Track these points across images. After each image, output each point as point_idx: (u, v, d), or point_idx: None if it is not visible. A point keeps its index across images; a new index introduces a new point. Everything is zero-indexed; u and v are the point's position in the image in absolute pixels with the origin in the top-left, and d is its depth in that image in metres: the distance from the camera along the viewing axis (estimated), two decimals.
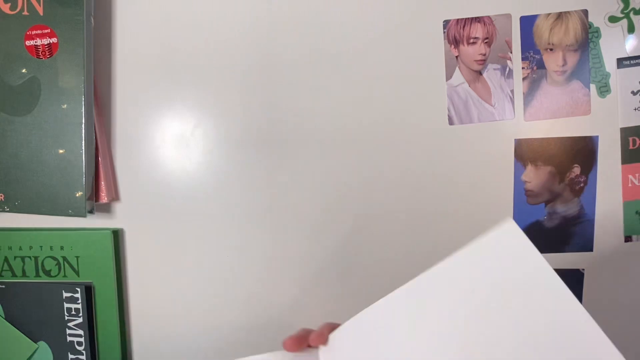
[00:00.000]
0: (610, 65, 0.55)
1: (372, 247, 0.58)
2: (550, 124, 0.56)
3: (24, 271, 0.57)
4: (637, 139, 0.56)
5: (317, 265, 0.58)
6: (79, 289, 0.56)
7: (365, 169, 0.56)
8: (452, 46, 0.55)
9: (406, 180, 0.56)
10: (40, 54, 0.50)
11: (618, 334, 0.60)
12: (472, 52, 0.55)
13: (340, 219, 0.57)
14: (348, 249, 0.58)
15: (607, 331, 0.61)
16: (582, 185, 0.56)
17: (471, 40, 0.55)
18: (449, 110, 0.56)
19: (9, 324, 0.57)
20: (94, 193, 0.54)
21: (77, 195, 0.51)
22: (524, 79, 0.55)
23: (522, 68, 0.55)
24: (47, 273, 0.57)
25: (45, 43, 0.50)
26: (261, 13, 0.55)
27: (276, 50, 0.55)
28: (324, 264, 0.58)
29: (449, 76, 0.55)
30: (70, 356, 0.58)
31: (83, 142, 0.51)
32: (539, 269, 0.28)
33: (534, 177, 0.56)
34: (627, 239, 0.57)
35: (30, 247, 0.56)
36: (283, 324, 0.59)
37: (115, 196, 0.57)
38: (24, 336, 0.57)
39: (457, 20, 0.55)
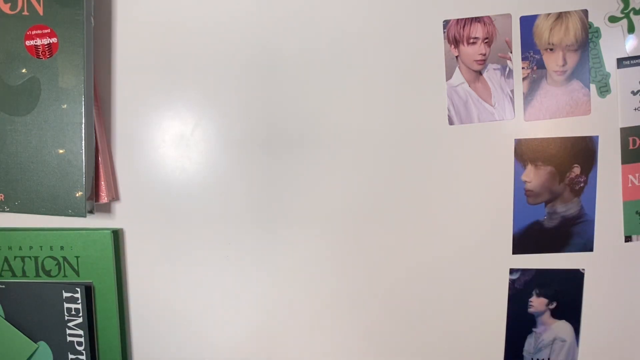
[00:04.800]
0: (610, 65, 0.55)
1: (372, 246, 0.58)
2: (550, 124, 0.56)
3: (24, 271, 0.57)
4: (637, 139, 0.55)
5: (317, 264, 0.58)
6: (79, 289, 0.56)
7: (365, 169, 0.56)
8: (452, 46, 0.55)
9: (406, 180, 0.56)
10: (40, 54, 0.50)
11: (618, 334, 0.61)
12: (472, 52, 0.55)
13: (340, 218, 0.57)
14: (348, 248, 0.58)
15: (607, 331, 0.62)
16: (582, 185, 0.56)
17: (471, 40, 0.55)
18: (449, 110, 0.56)
19: (9, 324, 0.57)
20: (94, 193, 0.54)
21: (77, 195, 0.51)
22: (524, 79, 0.55)
23: (522, 68, 0.55)
24: (47, 273, 0.57)
25: (45, 43, 0.50)
26: (261, 14, 0.55)
27: (275, 50, 0.55)
28: (324, 264, 0.58)
29: (449, 76, 0.55)
30: (70, 356, 0.58)
31: (83, 142, 0.51)
32: None
33: (534, 177, 0.56)
34: (627, 239, 0.57)
35: (30, 247, 0.56)
36: (283, 324, 0.59)
37: (115, 196, 0.57)
38: (24, 336, 0.57)
39: (457, 20, 0.55)
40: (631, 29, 0.54)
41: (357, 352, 0.60)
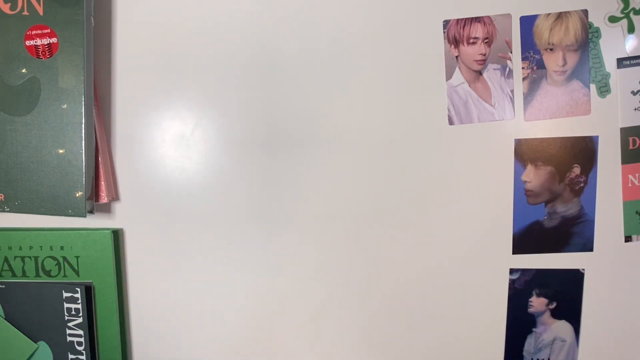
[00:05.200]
0: (610, 65, 0.55)
1: (372, 247, 0.58)
2: (550, 124, 0.56)
3: (24, 271, 0.57)
4: (637, 139, 0.55)
5: (317, 265, 0.58)
6: (79, 289, 0.56)
7: (365, 169, 0.56)
8: (452, 46, 0.55)
9: (406, 180, 0.56)
10: (40, 54, 0.50)
11: (618, 334, 0.61)
12: (472, 52, 0.55)
13: (340, 218, 0.57)
14: (348, 249, 0.58)
15: (607, 331, 0.62)
16: (582, 185, 0.56)
17: (471, 40, 0.55)
18: (449, 110, 0.56)
19: (9, 324, 0.57)
20: (94, 193, 0.54)
21: (77, 195, 0.51)
22: (524, 79, 0.55)
23: (522, 68, 0.55)
24: (47, 273, 0.57)
25: (45, 43, 0.50)
26: (261, 14, 0.55)
27: (275, 51, 0.55)
28: (324, 264, 0.58)
29: (449, 76, 0.55)
30: (70, 356, 0.58)
31: (83, 142, 0.51)
32: None
33: (534, 177, 0.56)
34: (627, 239, 0.57)
35: (30, 247, 0.56)
36: (282, 325, 0.59)
37: (115, 196, 0.57)
38: (24, 336, 0.57)
39: (457, 20, 0.55)
40: (631, 29, 0.54)
41: (357, 352, 0.60)
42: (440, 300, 0.58)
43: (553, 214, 0.57)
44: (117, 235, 0.57)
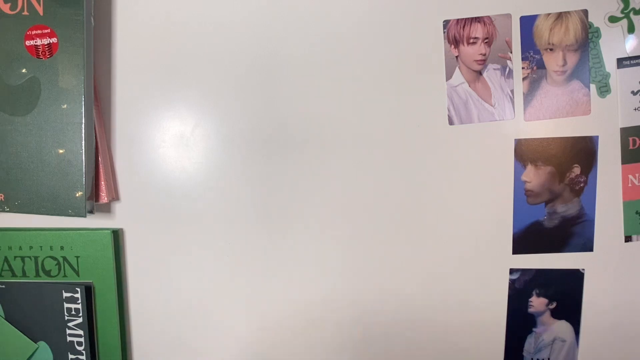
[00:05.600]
0: (610, 65, 0.55)
1: (372, 247, 0.58)
2: (550, 124, 0.56)
3: (24, 271, 0.57)
4: (637, 139, 0.56)
5: (317, 265, 0.58)
6: (79, 289, 0.56)
7: (365, 169, 0.56)
8: (452, 46, 0.55)
9: (406, 180, 0.56)
10: (40, 54, 0.50)
11: (618, 334, 0.61)
12: (472, 52, 0.55)
13: (340, 218, 0.57)
14: (348, 249, 0.58)
15: (607, 331, 0.62)
16: (582, 185, 0.56)
17: (471, 40, 0.55)
18: (449, 110, 0.56)
19: (9, 324, 0.57)
20: (94, 193, 0.54)
21: (77, 195, 0.51)
22: (524, 79, 0.55)
23: (522, 68, 0.55)
24: (47, 273, 0.57)
25: (45, 43, 0.50)
26: (262, 15, 0.55)
27: (276, 50, 0.55)
28: (324, 264, 0.58)
29: (449, 76, 0.55)
30: (70, 356, 0.58)
31: (83, 142, 0.51)
32: None
33: (534, 177, 0.56)
34: (627, 239, 0.57)
35: (30, 247, 0.56)
36: (282, 325, 0.59)
37: (115, 196, 0.57)
38: (24, 336, 0.57)
39: (457, 20, 0.55)
40: (631, 29, 0.54)
41: (357, 351, 0.60)
42: (440, 300, 0.58)
43: (553, 214, 0.57)
44: (117, 235, 0.57)
